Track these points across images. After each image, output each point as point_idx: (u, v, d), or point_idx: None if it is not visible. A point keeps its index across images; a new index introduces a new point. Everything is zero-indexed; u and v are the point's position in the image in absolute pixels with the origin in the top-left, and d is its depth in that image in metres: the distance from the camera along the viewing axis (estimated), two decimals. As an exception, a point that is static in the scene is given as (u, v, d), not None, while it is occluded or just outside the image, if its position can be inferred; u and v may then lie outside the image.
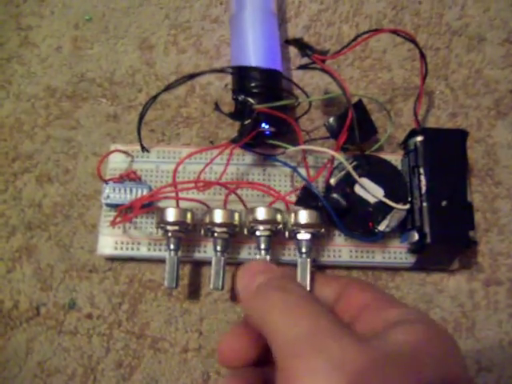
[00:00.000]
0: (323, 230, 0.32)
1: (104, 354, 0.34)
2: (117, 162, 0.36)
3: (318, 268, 0.35)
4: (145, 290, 0.35)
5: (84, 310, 0.35)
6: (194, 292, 0.35)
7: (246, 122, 0.32)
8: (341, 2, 0.41)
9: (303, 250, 0.32)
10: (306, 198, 0.32)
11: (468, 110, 0.39)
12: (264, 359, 0.28)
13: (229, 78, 0.37)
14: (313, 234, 0.32)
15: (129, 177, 0.35)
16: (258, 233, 0.32)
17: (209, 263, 0.33)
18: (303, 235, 0.32)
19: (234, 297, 0.35)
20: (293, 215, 0.32)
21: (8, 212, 0.36)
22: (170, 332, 0.34)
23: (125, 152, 0.36)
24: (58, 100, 0.39)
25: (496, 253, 0.36)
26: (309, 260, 0.32)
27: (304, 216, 0.32)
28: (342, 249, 0.35)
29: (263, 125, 0.33)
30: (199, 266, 0.35)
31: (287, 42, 0.34)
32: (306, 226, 0.32)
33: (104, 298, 0.35)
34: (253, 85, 0.33)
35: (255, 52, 0.35)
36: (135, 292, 0.35)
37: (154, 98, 0.34)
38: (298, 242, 0.33)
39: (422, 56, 0.34)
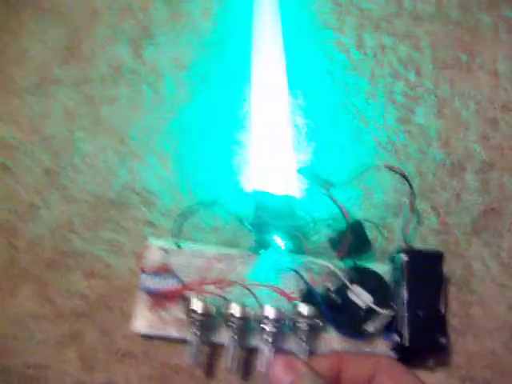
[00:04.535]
0: (321, 323, 0.39)
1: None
2: (152, 255, 0.42)
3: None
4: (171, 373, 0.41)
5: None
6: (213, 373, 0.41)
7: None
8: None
9: (303, 337, 0.39)
10: (309, 296, 0.40)
11: (449, 228, 0.46)
12: None
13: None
14: (310, 326, 0.39)
15: (162, 269, 0.41)
16: (264, 327, 0.38)
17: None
18: (303, 325, 0.38)
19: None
20: (294, 307, 0.39)
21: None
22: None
23: (160, 248, 0.42)
24: (104, 205, 0.46)
25: (471, 353, 0.42)
26: (308, 349, 0.38)
27: (305, 309, 0.38)
28: (334, 339, 0.41)
29: (277, 240, 0.41)
30: (219, 349, 0.41)
31: (300, 172, 0.42)
32: (306, 318, 0.38)
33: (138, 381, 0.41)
34: (270, 211, 0.41)
35: (272, 178, 0.43)
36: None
37: (186, 213, 0.42)
38: (298, 331, 0.39)
39: (411, 187, 0.44)
